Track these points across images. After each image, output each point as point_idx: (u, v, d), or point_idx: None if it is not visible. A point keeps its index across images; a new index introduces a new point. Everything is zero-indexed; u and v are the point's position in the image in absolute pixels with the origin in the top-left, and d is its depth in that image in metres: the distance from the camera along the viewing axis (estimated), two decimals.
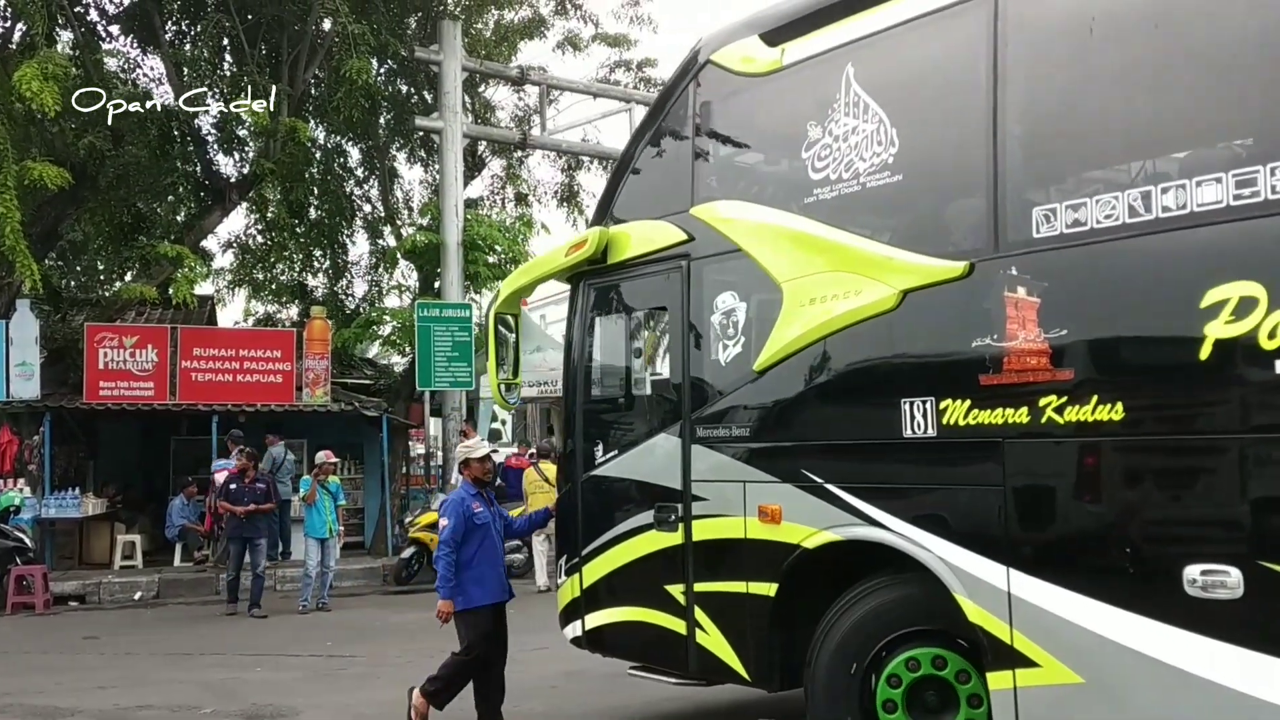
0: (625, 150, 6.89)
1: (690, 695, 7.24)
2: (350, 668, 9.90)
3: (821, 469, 5.42)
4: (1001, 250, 4.73)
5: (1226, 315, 3.97)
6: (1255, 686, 3.88)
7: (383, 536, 16.78)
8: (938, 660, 5.05)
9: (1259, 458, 3.99)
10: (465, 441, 7.37)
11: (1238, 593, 3.93)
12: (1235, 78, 4.21)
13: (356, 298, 21.21)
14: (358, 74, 15.11)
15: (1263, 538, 3.94)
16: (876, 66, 5.40)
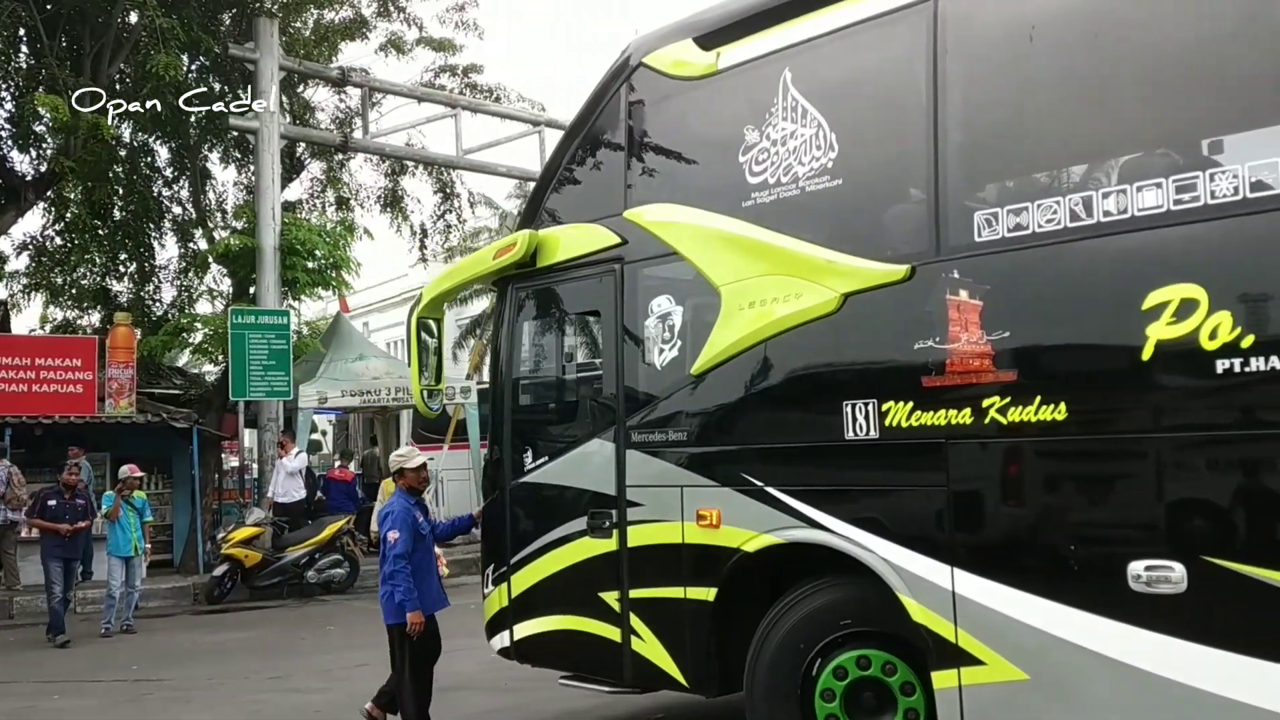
0: (554, 153, 6.81)
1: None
2: (157, 692, 9.34)
3: (761, 472, 5.42)
4: (943, 254, 4.79)
5: (1168, 317, 4.08)
6: (1200, 679, 3.98)
7: (193, 554, 16.08)
8: (888, 666, 5.08)
9: (1201, 456, 4.10)
10: (399, 450, 7.17)
11: (1181, 587, 4.04)
12: (1174, 85, 4.34)
13: (165, 303, 19.88)
14: (166, 69, 14.33)
15: (1205, 533, 4.06)
16: (815, 72, 5.43)
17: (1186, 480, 4.17)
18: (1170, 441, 4.16)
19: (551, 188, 6.79)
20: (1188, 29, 4.30)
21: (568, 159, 6.70)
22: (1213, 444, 4.07)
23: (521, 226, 6.92)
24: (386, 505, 7.09)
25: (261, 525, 15.00)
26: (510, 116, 18.86)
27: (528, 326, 6.95)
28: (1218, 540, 4.01)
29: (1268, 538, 3.92)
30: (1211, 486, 4.09)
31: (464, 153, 18.23)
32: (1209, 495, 4.09)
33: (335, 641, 11.40)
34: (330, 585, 14.97)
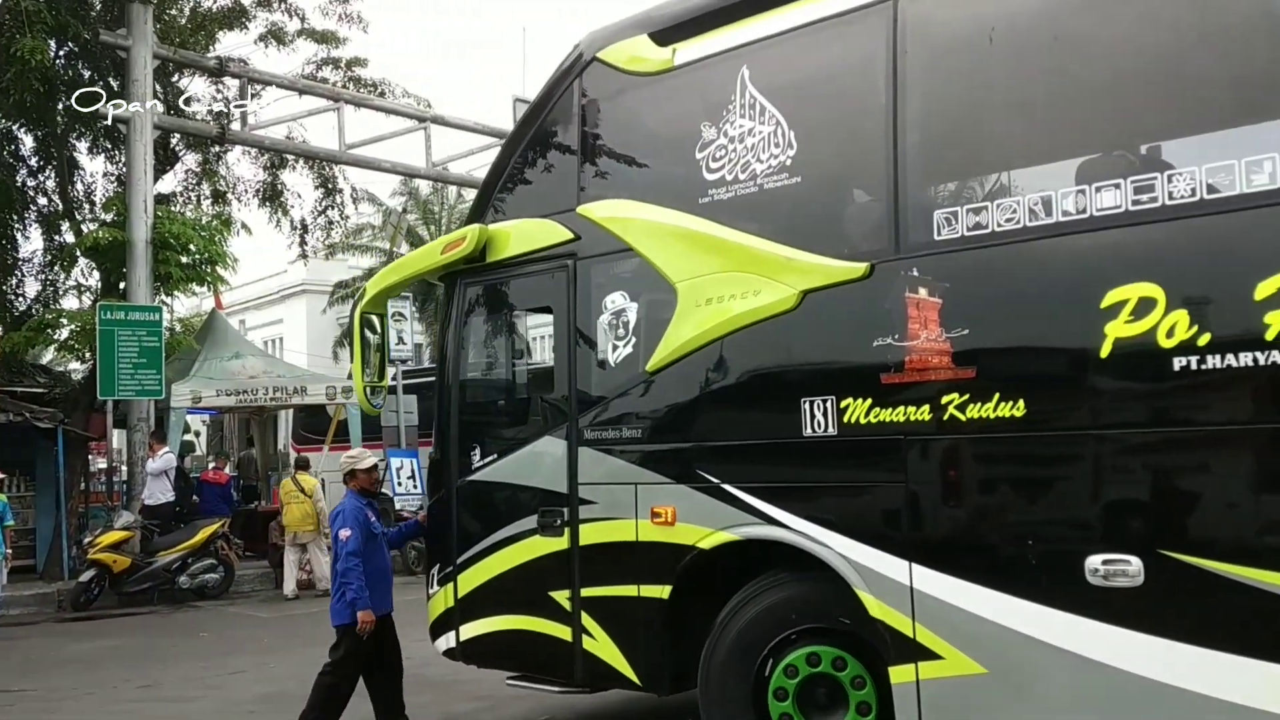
0: (504, 147, 6.73)
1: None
2: (19, 704, 8.89)
3: (718, 469, 5.41)
4: (903, 252, 4.83)
5: (1126, 315, 4.16)
6: (1156, 671, 4.06)
7: (57, 559, 15.44)
8: (838, 661, 5.10)
9: (1158, 451, 4.19)
10: (350, 452, 7.02)
11: (1138, 581, 4.11)
12: (1133, 87, 4.42)
13: (28, 298, 18.98)
14: (31, 54, 13.81)
15: (1162, 527, 4.14)
16: (773, 70, 5.44)
17: (1144, 476, 4.25)
18: (1128, 438, 4.24)
19: (502, 182, 6.70)
20: (1144, 34, 4.38)
21: (518, 153, 6.62)
22: (1170, 440, 4.16)
23: (470, 221, 6.83)
24: (339, 505, 6.96)
25: (130, 529, 14.47)
26: (395, 112, 18.40)
27: (476, 323, 6.86)
28: (1175, 534, 4.09)
29: (1224, 532, 4.02)
30: (1169, 482, 4.18)
31: (347, 147, 17.78)
32: (1166, 490, 4.18)
33: (210, 648, 11.08)
34: (204, 591, 14.63)
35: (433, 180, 20.97)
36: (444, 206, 35.24)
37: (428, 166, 17.31)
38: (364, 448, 8.38)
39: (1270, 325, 3.83)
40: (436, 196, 34.96)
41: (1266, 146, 3.96)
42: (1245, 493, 4.02)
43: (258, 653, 6.87)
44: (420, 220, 34.90)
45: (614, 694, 6.54)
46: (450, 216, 34.96)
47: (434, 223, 35.12)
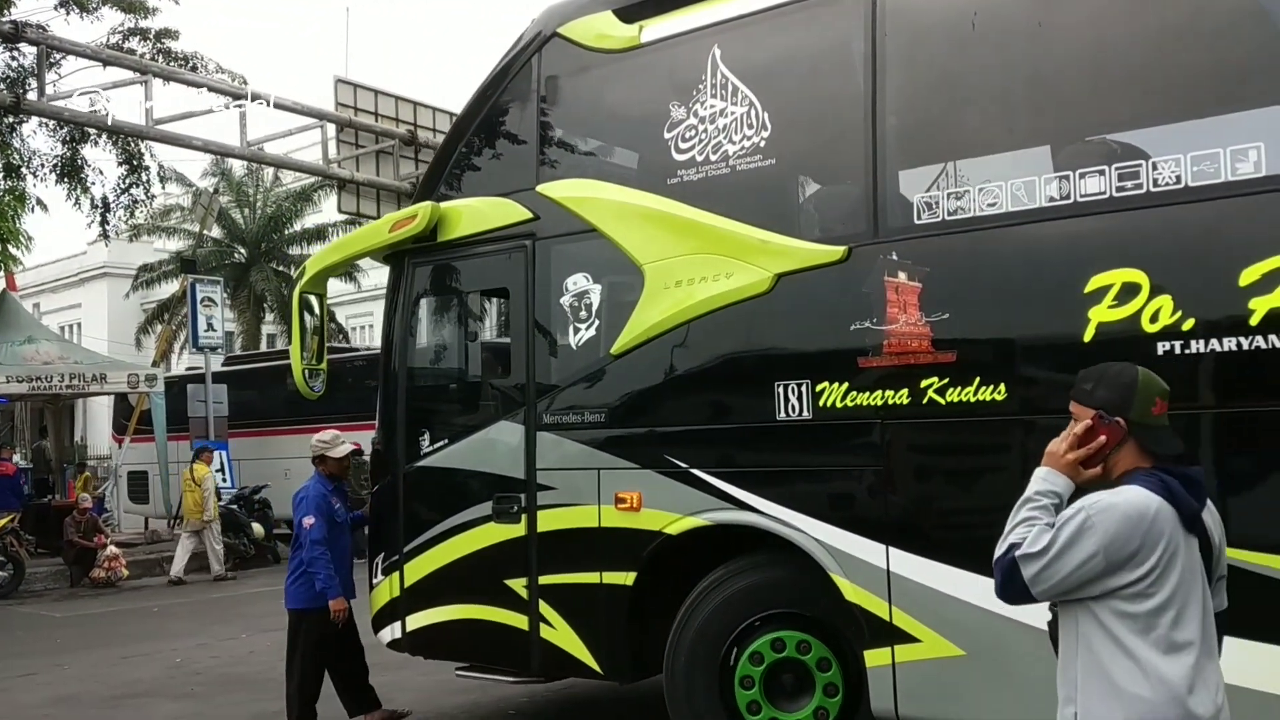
0: (457, 123, 6.53)
1: None
2: None
3: (687, 454, 5.34)
4: (881, 236, 4.82)
5: (1109, 300, 4.21)
6: None
7: None
8: (802, 645, 5.08)
9: None
10: (321, 436, 6.75)
11: None
12: (1116, 73, 4.48)
13: None
14: None
15: None
16: (746, 50, 5.38)
17: None
18: None
19: (454, 159, 6.51)
20: (1130, 19, 4.43)
21: (472, 130, 6.44)
22: None
23: (419, 199, 6.62)
24: (302, 489, 6.70)
25: None
26: (208, 87, 17.00)
27: (425, 304, 6.67)
28: None
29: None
30: None
31: (154, 123, 16.42)
32: None
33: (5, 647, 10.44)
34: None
35: (248, 160, 19.76)
36: (259, 188, 33.98)
37: (242, 146, 16.23)
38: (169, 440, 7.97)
39: (1255, 310, 3.91)
40: (251, 178, 33.67)
41: (1249, 135, 4.04)
42: (1224, 475, 4.11)
43: (50, 654, 6.52)
44: (234, 203, 33.42)
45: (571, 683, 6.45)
46: (266, 199, 33.84)
47: (248, 205, 33.90)
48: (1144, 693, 2.60)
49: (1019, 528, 2.80)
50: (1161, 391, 2.87)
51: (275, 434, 17.81)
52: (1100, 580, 2.65)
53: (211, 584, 14.66)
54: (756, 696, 5.11)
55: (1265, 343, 3.90)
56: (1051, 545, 2.68)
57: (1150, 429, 2.83)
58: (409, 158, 17.26)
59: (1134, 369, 2.90)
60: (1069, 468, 2.87)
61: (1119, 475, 2.80)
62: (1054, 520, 2.73)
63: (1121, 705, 2.62)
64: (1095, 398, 2.90)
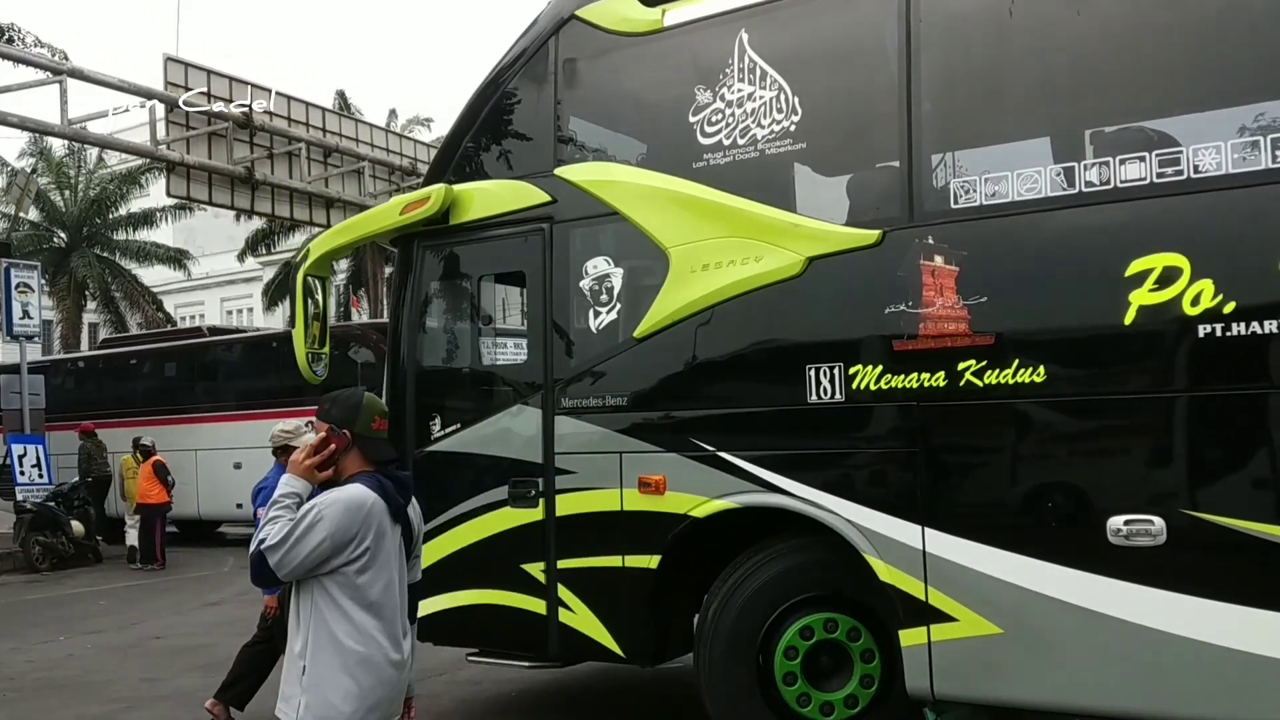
0: (469, 105, 6.45)
1: None
2: None
3: (714, 437, 5.34)
4: (917, 220, 4.87)
5: (1150, 284, 4.30)
6: (1178, 626, 4.22)
7: None
8: (832, 624, 5.13)
9: (1181, 415, 4.35)
10: (284, 425, 6.66)
11: (1160, 540, 4.27)
12: (1154, 60, 4.57)
13: None
14: None
15: (1184, 488, 4.30)
16: (775, 34, 5.39)
17: (1166, 438, 4.40)
18: (1152, 402, 4.39)
19: (466, 142, 6.44)
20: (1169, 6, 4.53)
21: (486, 112, 6.37)
22: (1192, 403, 4.32)
23: (429, 181, 6.54)
24: (263, 480, 6.64)
25: None
26: (25, 61, 16.17)
27: (436, 287, 6.58)
28: (1196, 494, 4.26)
29: (1243, 489, 4.21)
30: (1190, 443, 4.35)
31: None
32: (1187, 451, 4.35)
33: None
34: None
35: (69, 140, 19.10)
36: (81, 169, 33.05)
37: (63, 125, 15.70)
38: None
39: None
40: (73, 159, 32.74)
41: None
42: (1262, 453, 4.21)
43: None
44: (53, 184, 32.43)
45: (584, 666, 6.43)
46: (89, 182, 32.93)
47: (69, 187, 32.93)
48: (357, 646, 3.37)
49: (267, 525, 3.38)
50: (381, 411, 3.63)
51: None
52: (329, 560, 3.35)
53: (26, 584, 14.32)
54: (795, 669, 5.13)
55: None
56: (289, 536, 3.31)
57: (370, 440, 3.56)
58: (244, 141, 16.95)
59: (361, 393, 3.62)
60: (306, 472, 3.48)
61: (347, 477, 3.50)
62: (295, 516, 3.36)
63: (341, 656, 3.37)
64: (330, 415, 3.55)
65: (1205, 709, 4.24)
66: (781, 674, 5.15)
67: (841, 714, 5.12)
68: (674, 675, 6.59)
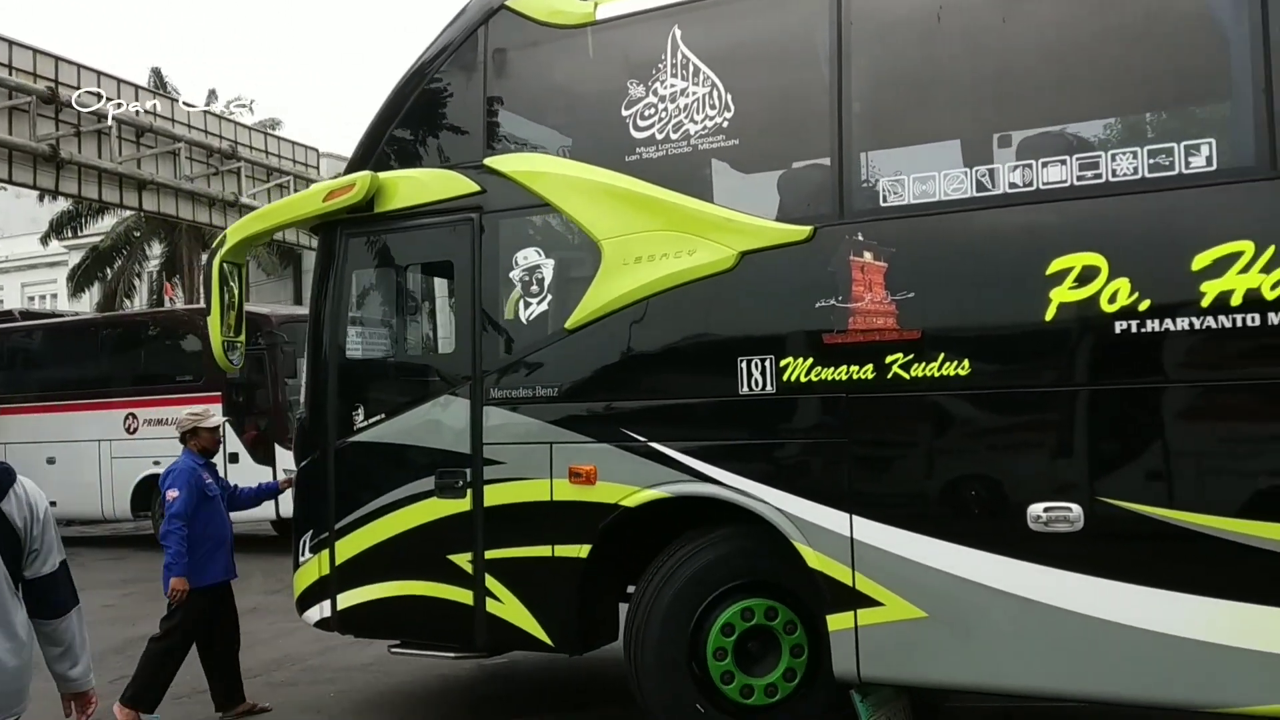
0: (393, 94, 6.37)
1: None
2: None
3: (645, 428, 5.41)
4: (847, 217, 5.00)
5: (1070, 281, 4.51)
6: (1094, 608, 4.44)
7: None
8: (770, 611, 5.25)
9: (1098, 407, 4.57)
10: (193, 409, 6.54)
11: (1078, 526, 4.48)
12: (1075, 67, 4.78)
13: None
14: None
15: (1100, 476, 4.52)
16: (709, 32, 5.47)
17: (1084, 429, 4.62)
18: (1071, 394, 4.60)
19: (392, 129, 6.37)
20: (1090, 18, 4.73)
21: (412, 100, 6.31)
22: (1110, 397, 4.55)
23: (351, 169, 6.45)
24: (172, 464, 6.54)
25: None
26: None
27: (360, 276, 6.51)
28: (1111, 482, 4.48)
29: (1156, 478, 4.45)
30: (1106, 434, 4.57)
31: None
32: (1104, 442, 4.57)
33: None
34: None
35: None
36: None
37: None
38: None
39: (1206, 293, 4.26)
40: None
41: (1204, 130, 4.40)
42: (1177, 444, 4.46)
43: None
44: None
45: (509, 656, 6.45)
46: None
47: None
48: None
49: None
50: None
51: None
52: None
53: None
54: (730, 667, 5.25)
55: (1215, 323, 4.26)
56: None
57: None
58: (48, 117, 16.44)
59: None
60: None
61: None
62: None
63: None
64: None
65: (1120, 688, 4.48)
66: (718, 674, 5.25)
67: (785, 690, 5.25)
68: (586, 664, 6.64)
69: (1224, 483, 4.35)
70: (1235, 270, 4.22)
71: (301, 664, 7.93)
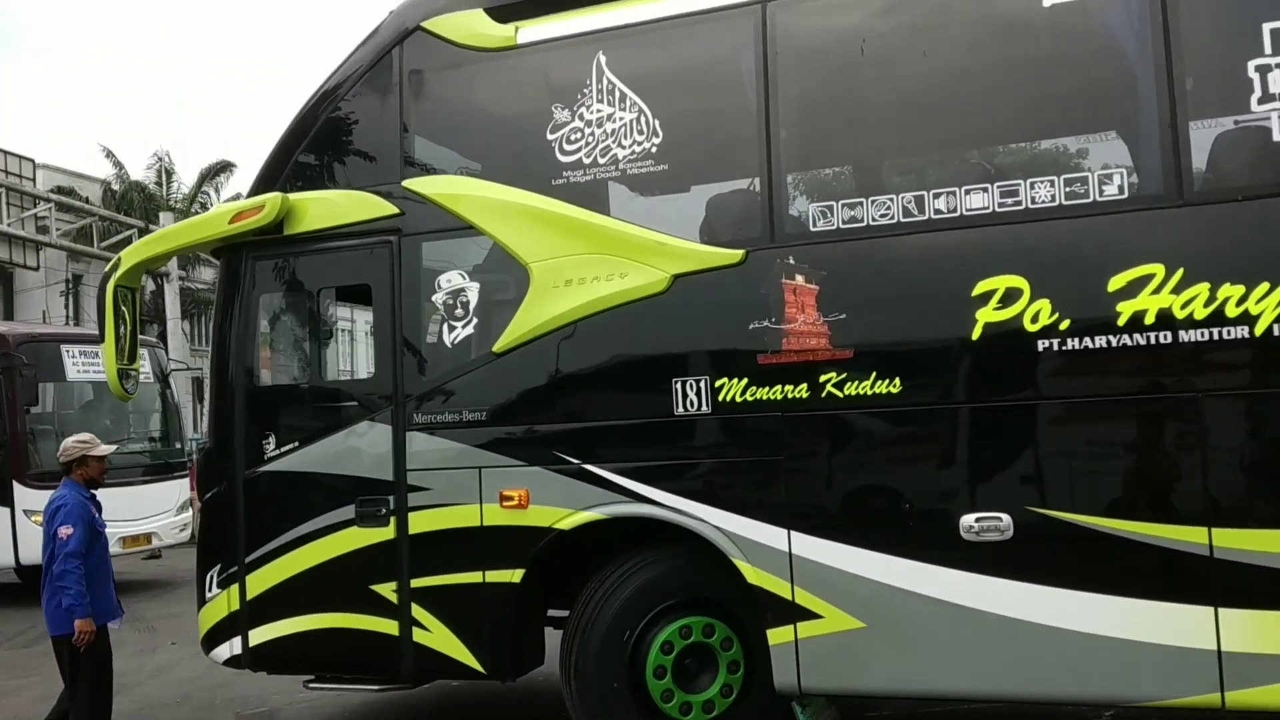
0: (302, 114, 6.22)
1: None
2: None
3: (579, 450, 5.43)
4: (778, 241, 5.15)
5: (995, 303, 4.76)
6: (1026, 611, 4.69)
7: None
8: (707, 629, 5.34)
9: (1025, 421, 4.82)
10: (79, 436, 6.18)
11: (1008, 534, 4.73)
12: (993, 97, 5.05)
13: None
14: None
15: (1029, 487, 4.78)
16: (634, 57, 5.55)
17: (1012, 442, 4.86)
18: (998, 410, 4.85)
19: (300, 150, 6.22)
20: (1004, 50, 5.01)
21: (324, 121, 6.17)
22: (1035, 411, 4.81)
23: (257, 190, 6.26)
24: (58, 497, 6.12)
25: None
26: None
27: (269, 300, 6.31)
28: (1039, 492, 4.75)
29: (1080, 487, 4.73)
30: (1034, 447, 4.83)
31: None
32: (1031, 455, 4.83)
33: None
34: None
35: None
36: None
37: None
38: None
39: (1121, 312, 4.57)
40: None
41: (1117, 161, 4.73)
42: (1098, 455, 4.76)
43: None
44: None
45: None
46: None
47: None
48: None
49: None
50: None
51: None
52: None
53: None
54: (669, 685, 5.31)
55: (1130, 340, 4.57)
56: None
57: None
58: None
59: None
60: None
61: None
62: None
63: None
64: None
65: (1048, 687, 4.75)
66: (658, 693, 5.31)
67: (722, 706, 5.33)
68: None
69: (1140, 489, 4.66)
70: (1148, 291, 4.54)
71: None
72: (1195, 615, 4.48)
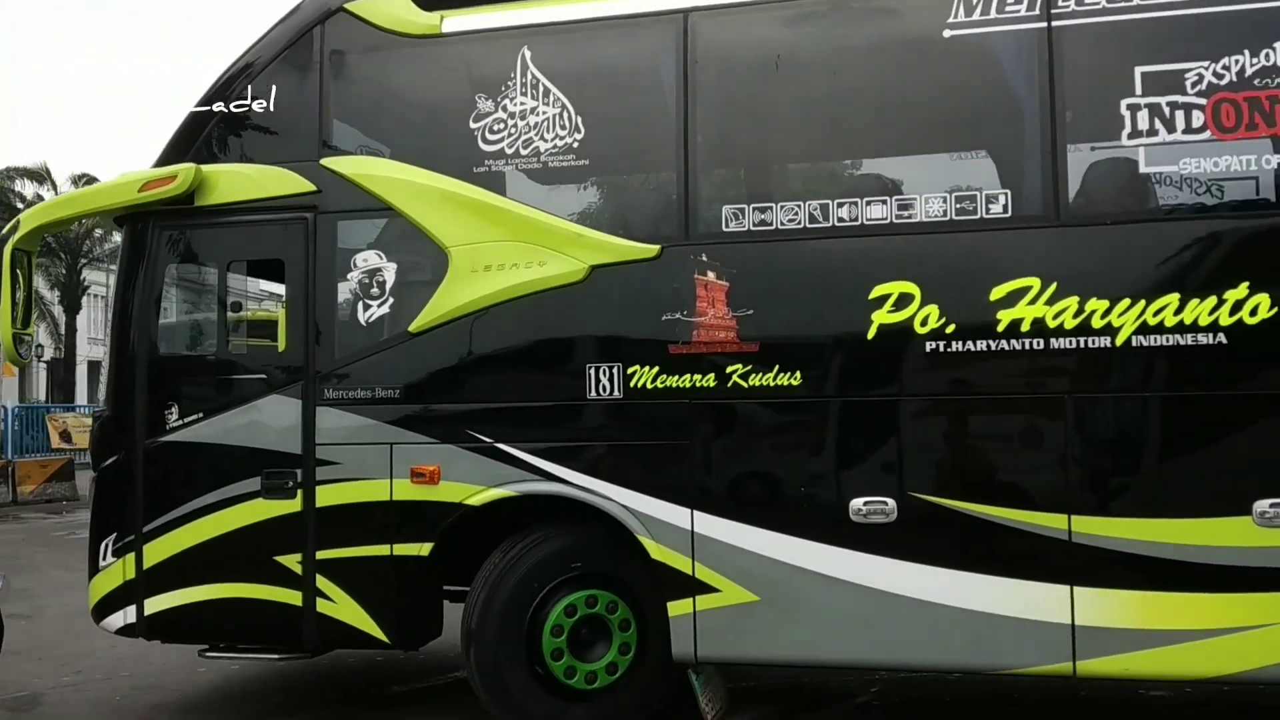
0: (218, 85, 6.19)
1: None
2: None
3: (492, 430, 5.65)
4: (693, 239, 5.48)
5: (889, 306, 5.20)
6: (905, 587, 5.15)
7: None
8: (611, 605, 5.64)
9: (911, 415, 5.28)
10: None
11: (893, 517, 5.18)
12: (895, 119, 5.49)
13: None
14: None
15: (912, 475, 5.24)
16: (558, 54, 5.77)
17: (899, 434, 5.31)
18: (889, 403, 5.29)
19: (214, 123, 6.21)
20: (907, 71, 5.45)
21: (240, 95, 6.18)
22: (921, 406, 5.27)
23: (167, 160, 6.23)
24: None
25: None
26: None
27: (175, 270, 6.28)
28: (923, 480, 5.21)
29: (958, 476, 5.21)
30: (917, 438, 5.29)
31: None
32: (915, 445, 5.29)
33: None
34: None
35: None
36: None
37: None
38: None
39: (1001, 320, 5.07)
40: None
41: (1003, 180, 5.24)
42: (976, 447, 5.27)
43: None
44: None
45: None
46: None
47: None
48: None
49: None
50: None
51: None
52: None
53: None
54: (562, 645, 5.57)
55: (1008, 345, 5.08)
56: None
57: None
58: None
59: None
60: None
61: None
62: None
63: None
64: None
65: (923, 657, 5.23)
66: (549, 650, 5.58)
67: (604, 680, 5.63)
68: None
69: (1010, 479, 5.17)
70: (1025, 302, 5.05)
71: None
72: (1054, 593, 5.02)
